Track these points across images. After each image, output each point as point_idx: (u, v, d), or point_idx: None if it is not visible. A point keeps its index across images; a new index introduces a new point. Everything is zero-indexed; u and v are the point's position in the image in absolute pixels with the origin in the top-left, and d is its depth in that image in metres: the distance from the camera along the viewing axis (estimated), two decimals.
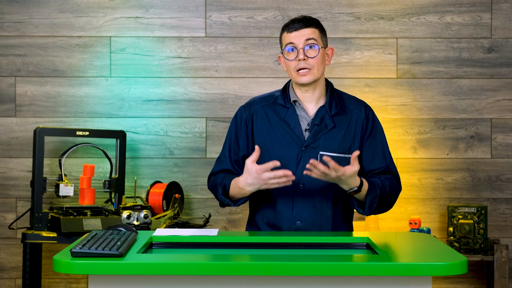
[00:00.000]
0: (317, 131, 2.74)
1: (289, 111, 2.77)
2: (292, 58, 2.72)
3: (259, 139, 2.78)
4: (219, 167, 2.84)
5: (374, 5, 4.16)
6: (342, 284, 2.11)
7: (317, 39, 2.73)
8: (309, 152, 2.73)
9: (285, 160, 2.72)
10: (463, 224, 3.97)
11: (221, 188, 2.74)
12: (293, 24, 2.73)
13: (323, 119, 2.75)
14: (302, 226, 2.73)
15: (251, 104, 2.84)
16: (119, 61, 4.14)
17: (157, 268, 2.06)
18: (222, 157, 2.84)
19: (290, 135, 2.75)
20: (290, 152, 2.74)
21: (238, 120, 2.84)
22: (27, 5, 4.12)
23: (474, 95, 4.17)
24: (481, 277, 4.18)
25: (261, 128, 2.79)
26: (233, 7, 4.15)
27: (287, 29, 2.75)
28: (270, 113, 2.80)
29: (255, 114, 2.81)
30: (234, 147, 2.82)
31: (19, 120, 4.13)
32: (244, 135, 2.81)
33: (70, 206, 3.75)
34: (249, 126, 2.81)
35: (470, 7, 4.17)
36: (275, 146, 2.75)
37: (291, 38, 2.72)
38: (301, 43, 2.71)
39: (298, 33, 2.72)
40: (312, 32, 2.73)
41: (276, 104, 2.81)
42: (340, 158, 2.73)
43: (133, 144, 4.12)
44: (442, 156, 4.17)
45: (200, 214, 4.13)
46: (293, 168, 2.71)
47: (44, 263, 4.04)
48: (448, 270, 2.07)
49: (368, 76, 4.17)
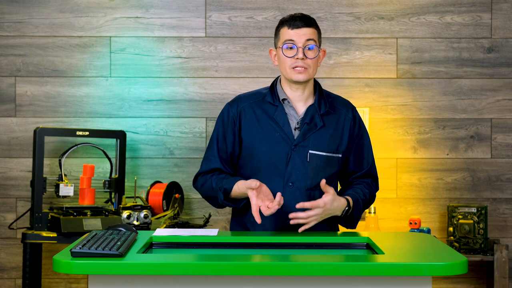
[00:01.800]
0: (307, 130, 2.74)
1: (278, 109, 2.76)
2: (290, 55, 2.71)
3: (247, 137, 2.76)
4: (208, 166, 2.80)
5: (374, 5, 4.16)
6: (342, 284, 2.11)
7: (316, 40, 2.73)
8: (299, 151, 2.73)
9: (274, 158, 2.72)
10: (463, 224, 3.97)
11: (221, 193, 2.72)
12: (295, 21, 2.71)
13: (313, 118, 2.75)
14: (290, 224, 2.72)
15: (238, 101, 2.81)
16: (119, 61, 4.14)
17: (157, 268, 2.06)
18: (210, 156, 2.81)
19: (279, 133, 2.74)
20: (279, 150, 2.73)
21: (225, 117, 2.80)
22: (27, 5, 4.12)
23: (474, 95, 4.17)
24: (481, 277, 4.18)
25: (249, 126, 2.77)
26: (233, 7, 4.15)
27: (287, 24, 2.72)
28: (258, 111, 2.77)
29: (242, 111, 2.78)
30: (222, 145, 2.79)
31: (19, 120, 4.13)
32: (231, 132, 2.78)
33: (70, 206, 3.75)
34: (236, 124, 2.78)
35: (470, 7, 4.17)
36: (264, 144, 2.74)
37: (292, 36, 2.70)
38: (301, 42, 2.70)
39: (299, 31, 2.70)
40: (312, 33, 2.72)
41: (264, 102, 2.78)
42: (328, 157, 2.75)
43: (133, 144, 4.12)
44: (442, 156, 4.17)
45: (200, 214, 4.13)
46: (282, 166, 2.72)
47: (44, 263, 4.04)
48: (448, 270, 2.07)
49: (368, 76, 4.17)
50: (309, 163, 2.72)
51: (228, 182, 2.72)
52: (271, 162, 2.72)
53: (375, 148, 4.09)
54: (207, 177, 2.79)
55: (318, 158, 2.74)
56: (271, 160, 2.72)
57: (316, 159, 2.73)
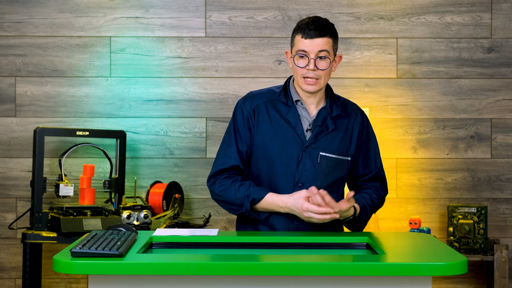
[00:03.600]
0: (319, 132, 2.75)
1: (291, 110, 2.76)
2: (302, 65, 2.70)
3: (259, 135, 2.76)
4: (227, 163, 2.76)
5: (374, 5, 4.16)
6: (342, 284, 2.11)
7: (330, 50, 2.70)
8: (310, 152, 2.73)
9: (285, 158, 2.72)
10: (463, 224, 3.97)
11: (249, 202, 2.70)
12: (309, 30, 2.67)
13: (325, 120, 2.76)
14: (300, 225, 2.73)
15: (251, 99, 2.80)
16: (119, 61, 4.14)
17: (157, 268, 2.06)
18: (229, 153, 2.77)
19: (291, 134, 2.74)
20: (290, 151, 2.74)
21: (239, 115, 2.78)
22: (27, 5, 4.12)
23: (474, 95, 4.17)
24: (481, 277, 4.18)
25: (262, 124, 2.76)
26: (233, 7, 4.15)
27: (302, 33, 2.69)
28: (271, 110, 2.77)
29: (256, 109, 2.77)
30: (239, 142, 2.77)
31: (19, 120, 4.12)
32: (247, 130, 2.77)
33: (70, 206, 3.75)
34: (251, 121, 2.77)
35: (470, 7, 4.17)
36: (276, 144, 2.74)
37: (305, 46, 2.68)
38: (313, 53, 2.68)
39: (312, 42, 2.67)
40: (326, 43, 2.68)
41: (278, 102, 2.78)
42: (338, 160, 2.77)
43: (133, 144, 4.12)
44: (442, 156, 4.17)
45: (200, 214, 4.13)
46: (293, 167, 2.72)
47: (44, 263, 4.04)
48: (448, 270, 2.07)
49: (368, 76, 4.17)
50: (320, 165, 2.73)
51: (256, 191, 2.71)
52: (282, 162, 2.72)
53: None
54: (228, 182, 2.74)
55: (329, 160, 2.75)
56: (282, 160, 2.73)
57: (327, 161, 2.74)
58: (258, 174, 2.77)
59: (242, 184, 2.72)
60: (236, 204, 2.73)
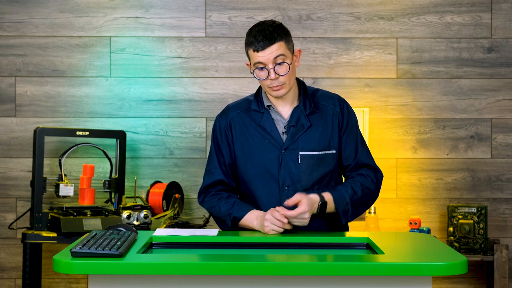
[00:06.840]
0: (295, 132, 2.74)
1: (264, 116, 2.77)
2: (263, 77, 2.68)
3: (239, 146, 2.79)
4: (211, 179, 2.82)
5: (374, 5, 4.16)
6: (342, 284, 2.11)
7: (285, 52, 2.66)
8: (289, 154, 2.73)
9: (267, 164, 2.74)
10: (463, 224, 3.97)
11: (230, 220, 2.73)
12: (258, 42, 2.64)
13: (299, 119, 2.75)
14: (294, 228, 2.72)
15: (226, 112, 2.83)
16: (119, 61, 4.14)
17: (157, 268, 2.06)
18: (212, 169, 2.83)
19: (268, 139, 2.75)
20: (270, 156, 2.74)
21: (217, 130, 2.83)
22: (27, 5, 4.12)
23: (474, 95, 4.17)
24: (481, 277, 4.18)
25: (239, 135, 2.79)
26: (233, 7, 4.15)
27: (252, 46, 2.66)
28: (246, 120, 2.79)
29: (232, 122, 2.80)
30: (220, 158, 2.82)
31: (19, 120, 4.13)
32: (226, 144, 2.81)
33: (70, 206, 3.75)
34: (228, 135, 2.80)
35: (470, 7, 4.17)
36: (255, 152, 2.76)
37: (259, 58, 2.65)
38: (270, 62, 2.65)
39: (265, 52, 2.64)
40: (278, 47, 2.65)
41: (251, 110, 2.80)
42: (320, 156, 2.75)
43: (133, 144, 4.12)
44: (442, 156, 4.17)
45: (200, 214, 4.13)
46: (275, 171, 2.74)
47: (44, 263, 4.04)
48: (448, 270, 2.07)
49: (368, 76, 4.17)
50: (301, 165, 2.73)
51: (238, 210, 2.73)
52: (265, 169, 2.74)
53: (375, 148, 4.10)
54: (214, 200, 2.79)
55: (310, 158, 2.74)
56: (264, 166, 2.74)
57: (308, 160, 2.73)
58: (246, 183, 2.81)
59: (226, 202, 2.76)
60: (223, 220, 2.78)
